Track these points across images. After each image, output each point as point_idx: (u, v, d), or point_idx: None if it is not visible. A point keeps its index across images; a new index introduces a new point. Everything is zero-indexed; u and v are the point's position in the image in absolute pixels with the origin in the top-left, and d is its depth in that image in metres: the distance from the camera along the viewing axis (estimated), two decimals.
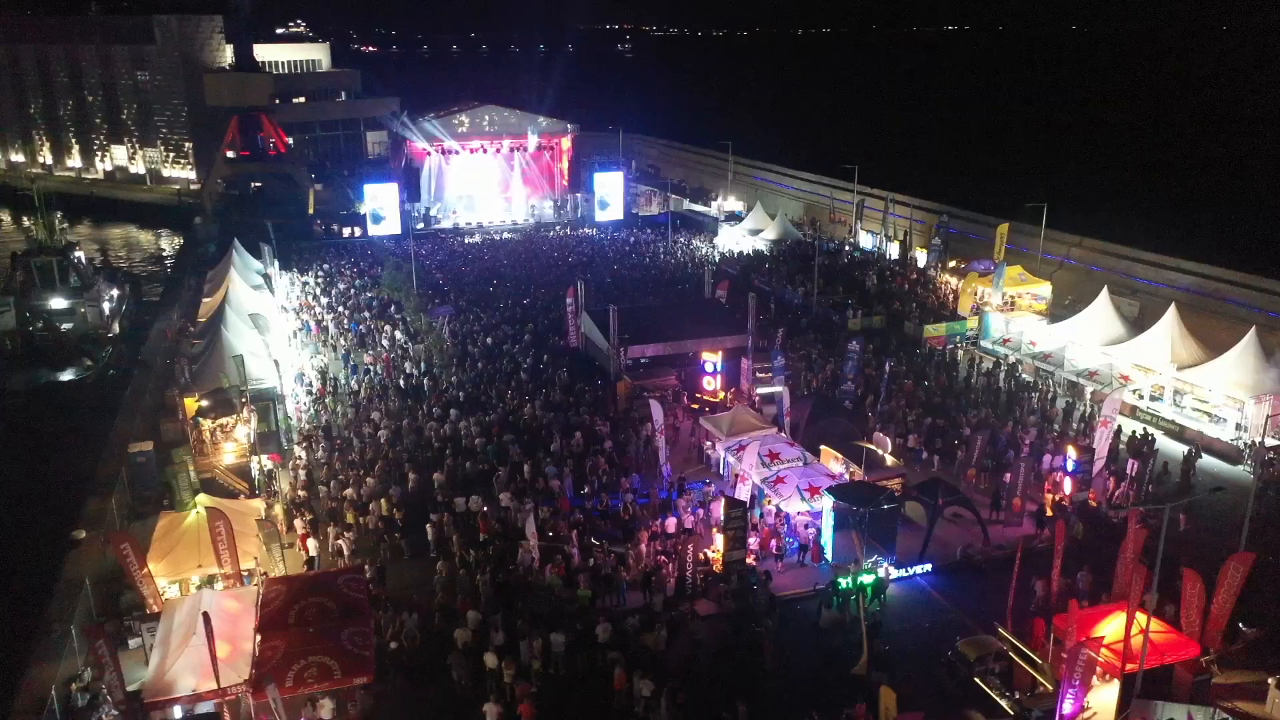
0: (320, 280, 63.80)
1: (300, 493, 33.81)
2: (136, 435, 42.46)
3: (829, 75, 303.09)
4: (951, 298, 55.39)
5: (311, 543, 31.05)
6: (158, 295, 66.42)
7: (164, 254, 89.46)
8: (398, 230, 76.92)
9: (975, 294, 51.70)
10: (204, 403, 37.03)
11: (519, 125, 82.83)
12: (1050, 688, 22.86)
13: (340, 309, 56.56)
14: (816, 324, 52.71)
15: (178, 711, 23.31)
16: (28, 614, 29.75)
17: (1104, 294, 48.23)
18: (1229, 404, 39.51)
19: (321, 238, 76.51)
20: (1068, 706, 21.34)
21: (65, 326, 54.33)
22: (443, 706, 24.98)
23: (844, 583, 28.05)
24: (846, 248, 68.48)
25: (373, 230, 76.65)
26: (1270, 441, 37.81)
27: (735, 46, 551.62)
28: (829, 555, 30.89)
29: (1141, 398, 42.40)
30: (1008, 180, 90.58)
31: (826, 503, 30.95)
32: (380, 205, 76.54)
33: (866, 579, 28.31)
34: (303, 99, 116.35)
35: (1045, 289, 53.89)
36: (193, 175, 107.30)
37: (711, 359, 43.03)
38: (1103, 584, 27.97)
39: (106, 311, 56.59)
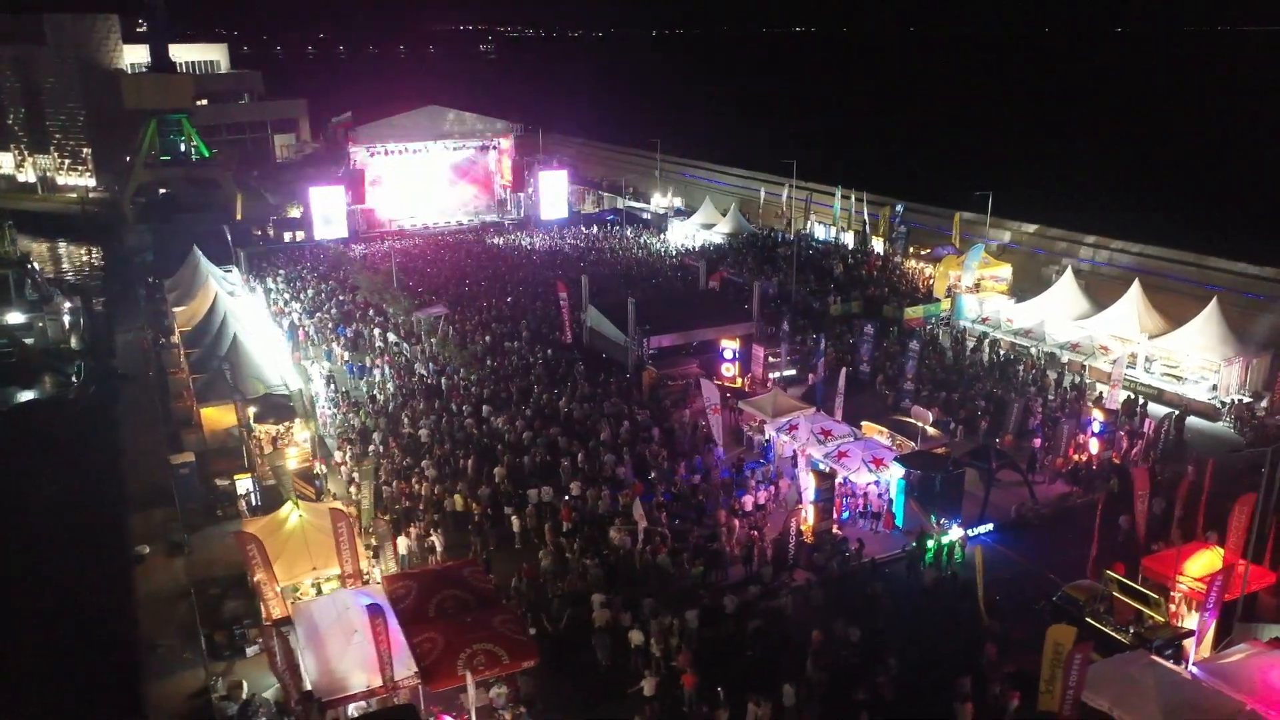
0: (282, 286, 62.16)
1: (386, 487, 33.63)
2: (150, 448, 41.19)
3: (743, 72, 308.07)
4: (922, 282, 58.52)
5: (402, 541, 31.00)
6: (100, 306, 63.29)
7: (92, 265, 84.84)
8: (344, 233, 75.57)
9: (951, 277, 54.89)
10: (253, 409, 36.13)
11: (462, 126, 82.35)
12: (1162, 620, 25.36)
13: (319, 314, 55.39)
14: (798, 311, 54.90)
15: (352, 709, 23.22)
16: (114, 632, 28.83)
17: (1069, 273, 52.20)
18: (1207, 368, 43.54)
19: (265, 243, 74.32)
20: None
21: (26, 341, 51.40)
22: (589, 686, 25.59)
23: (933, 544, 30.13)
24: (797, 238, 71.10)
25: (319, 234, 74.89)
26: (1247, 399, 42.04)
27: (592, 45, 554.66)
28: (899, 522, 32.87)
29: (1132, 365, 46.06)
30: (941, 173, 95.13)
31: (896, 472, 32.91)
32: (327, 208, 74.87)
33: (946, 539, 30.52)
34: (204, 101, 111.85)
35: (1006, 270, 57.72)
36: (92, 182, 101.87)
37: (731, 346, 44.53)
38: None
39: (66, 325, 53.78)
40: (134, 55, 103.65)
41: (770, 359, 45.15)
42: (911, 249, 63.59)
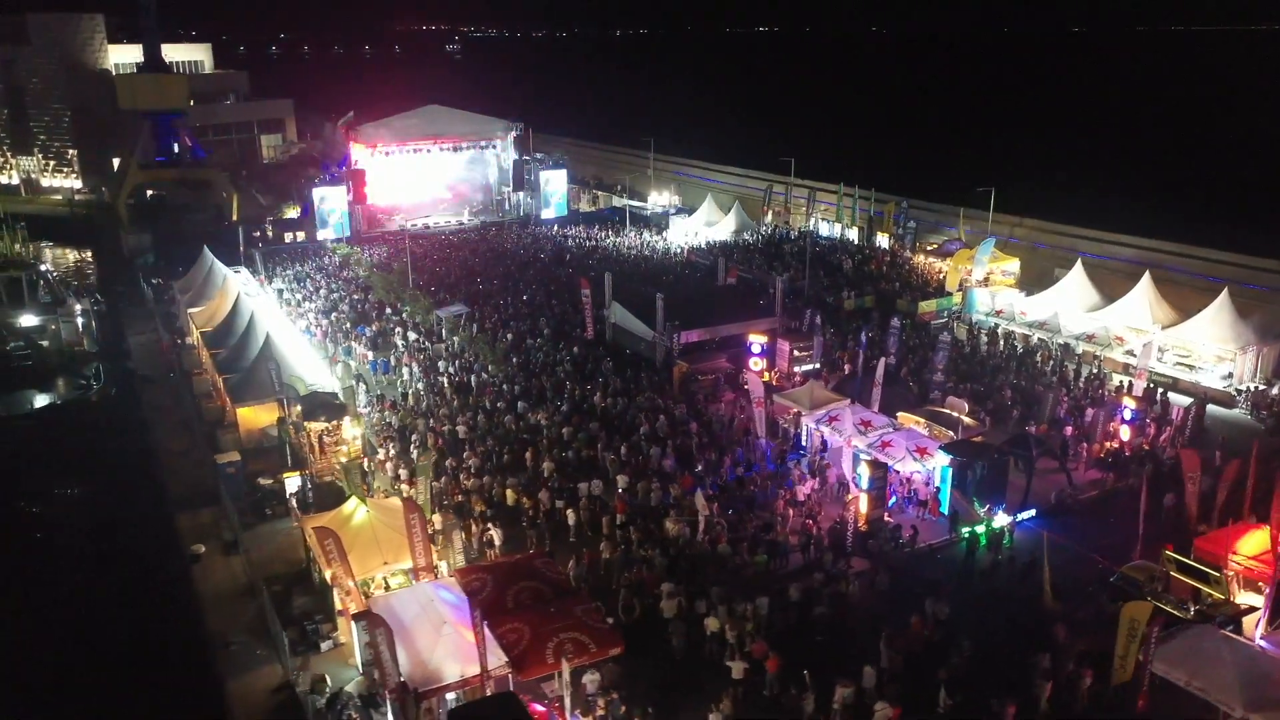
0: (292, 286, 61.90)
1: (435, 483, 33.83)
2: (183, 449, 41.11)
3: (739, 73, 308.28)
4: (931, 277, 59.46)
5: (457, 535, 31.20)
6: (101, 308, 62.61)
7: (83, 267, 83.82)
8: (347, 233, 75.38)
9: (963, 271, 55.87)
10: (298, 408, 36.15)
11: (461, 125, 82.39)
12: (1221, 597, 26.25)
13: (335, 314, 55.29)
14: (813, 306, 55.60)
15: (449, 698, 23.48)
16: (183, 631, 28.85)
17: (1078, 266, 53.37)
18: (1224, 356, 44.75)
19: (264, 244, 73.76)
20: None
21: (42, 344, 50.88)
22: (667, 672, 26.00)
23: (984, 530, 30.91)
24: (806, 235, 71.96)
25: (321, 234, 74.62)
26: (1261, 386, 43.33)
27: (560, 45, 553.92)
28: (945, 509, 33.60)
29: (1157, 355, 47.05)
30: (937, 170, 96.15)
31: (941, 460, 33.64)
32: (330, 208, 74.63)
33: (994, 525, 31.34)
34: (191, 101, 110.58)
35: (1014, 265, 58.87)
36: (78, 184, 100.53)
37: (759, 340, 45.12)
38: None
39: (80, 327, 53.27)
40: (119, 55, 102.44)
41: (797, 353, 45.79)
42: (918, 244, 64.60)
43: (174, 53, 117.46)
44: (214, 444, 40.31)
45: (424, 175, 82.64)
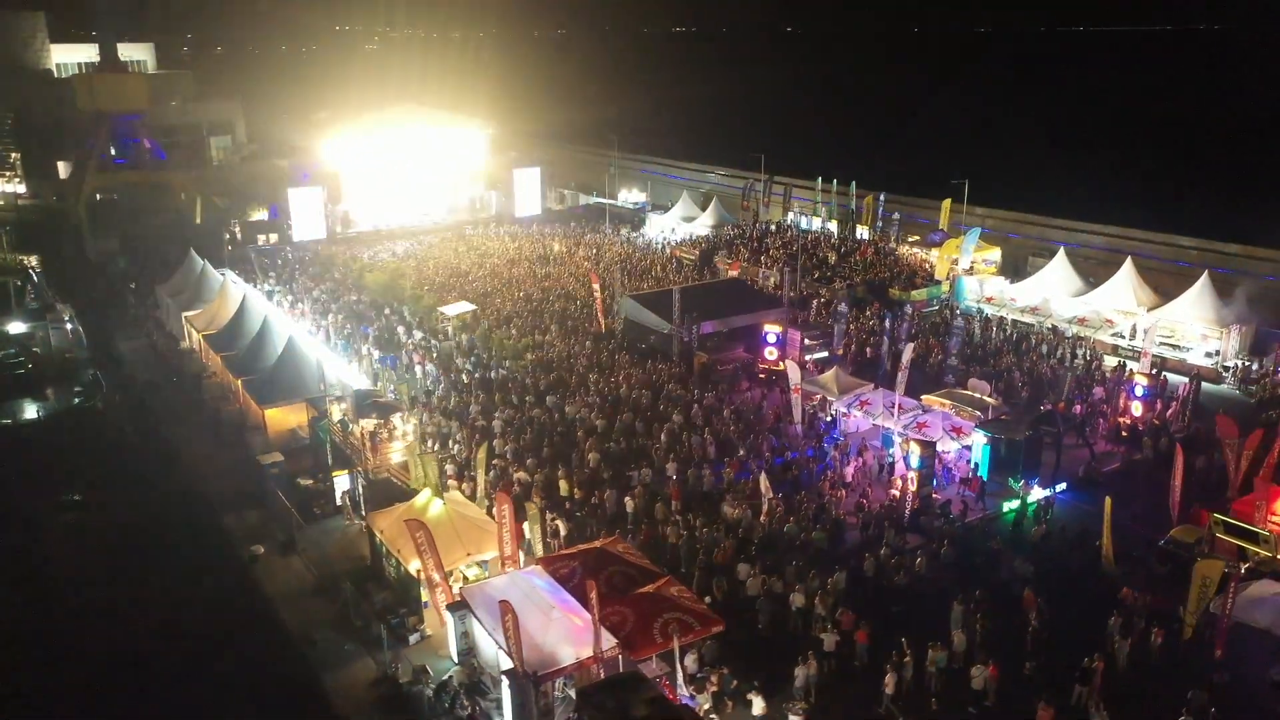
0: (280, 287, 60.96)
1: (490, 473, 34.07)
2: (207, 452, 40.57)
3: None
4: (916, 266, 61.28)
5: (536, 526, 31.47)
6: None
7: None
8: (322, 234, 74.42)
9: (952, 261, 57.76)
10: (343, 406, 35.91)
11: (435, 125, 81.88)
12: (1269, 554, 28.05)
13: (331, 315, 54.69)
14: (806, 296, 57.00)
15: (560, 683, 23.88)
16: (261, 631, 28.62)
17: (1060, 254, 55.71)
18: (1210, 336, 47.24)
19: (234, 246, 72.44)
20: None
21: (35, 351, 49.35)
22: (757, 648, 26.73)
23: (1029, 504, 32.43)
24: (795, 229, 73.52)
25: (296, 236, 73.51)
26: (1247, 362, 45.92)
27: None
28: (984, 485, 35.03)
29: (1132, 336, 49.43)
30: (902, 164, 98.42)
31: (979, 438, 35.07)
32: (305, 210, 73.56)
33: (1034, 498, 32.94)
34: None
35: (995, 254, 61.07)
36: (22, 189, 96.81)
37: (774, 330, 46.14)
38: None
39: (70, 333, 51.76)
40: (63, 55, 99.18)
41: (807, 342, 46.96)
42: (903, 235, 66.61)
43: (126, 52, 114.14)
44: (243, 446, 39.91)
45: (396, 175, 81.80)
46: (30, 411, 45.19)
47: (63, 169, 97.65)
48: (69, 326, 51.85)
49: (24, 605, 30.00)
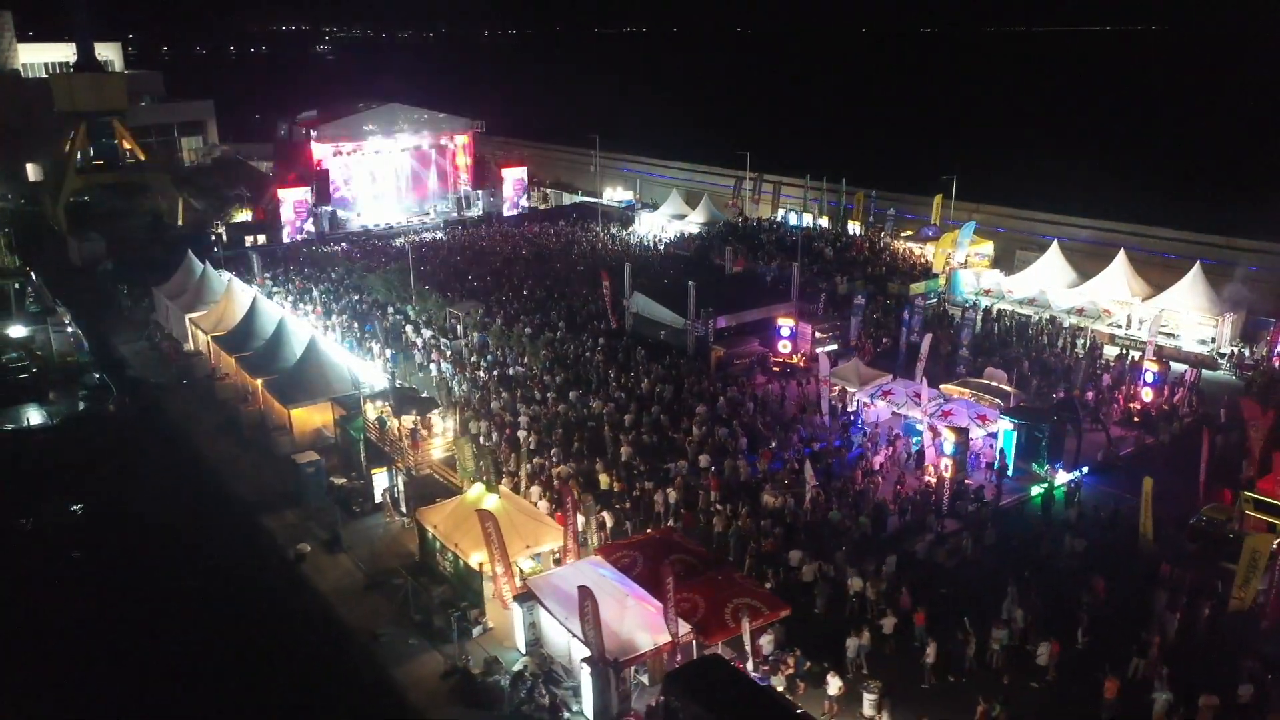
0: (275, 289, 60.42)
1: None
2: (231, 453, 40.33)
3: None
4: (913, 261, 62.41)
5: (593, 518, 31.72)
6: None
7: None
8: (313, 235, 73.88)
9: (947, 255, 58.95)
10: (379, 403, 35.88)
11: (422, 123, 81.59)
12: None
13: (335, 315, 54.40)
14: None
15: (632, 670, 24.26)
16: (318, 627, 28.64)
17: (1054, 246, 57.12)
18: (1205, 324, 48.80)
19: (220, 248, 71.58)
20: None
21: (37, 355, 48.52)
22: (815, 632, 27.25)
23: (1057, 487, 33.45)
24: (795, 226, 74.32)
25: (286, 236, 72.87)
26: (1239, 349, 47.57)
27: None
28: (1011, 471, 35.99)
29: (1127, 325, 50.89)
30: (886, 161, 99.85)
31: (1005, 425, 36.02)
32: (293, 209, 72.96)
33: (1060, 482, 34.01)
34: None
35: (988, 247, 62.43)
36: None
37: (787, 324, 46.81)
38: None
39: (71, 336, 50.90)
40: (29, 55, 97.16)
41: (819, 335, 47.70)
42: (896, 230, 67.80)
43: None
44: (268, 446, 39.69)
45: (384, 174, 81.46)
46: (39, 416, 44.43)
47: (31, 171, 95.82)
48: (69, 330, 50.95)
49: (74, 613, 29.68)
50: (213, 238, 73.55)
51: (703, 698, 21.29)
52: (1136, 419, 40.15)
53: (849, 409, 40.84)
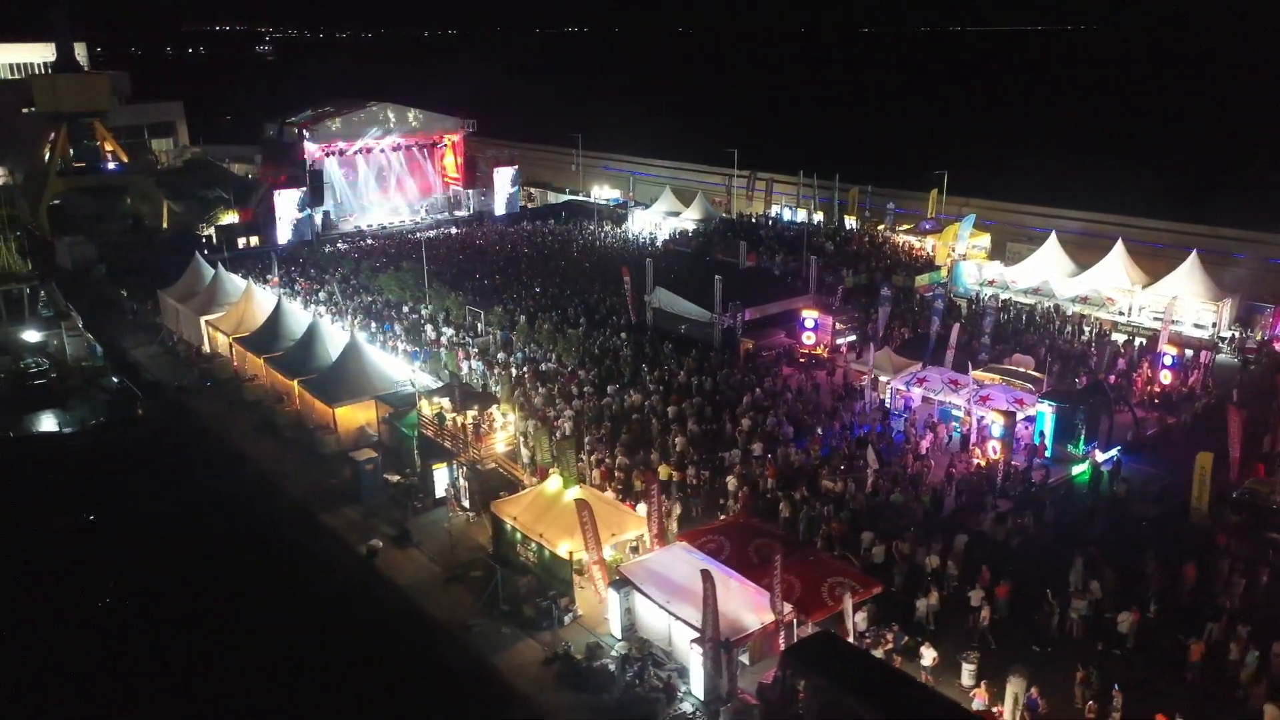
0: (284, 290, 59.90)
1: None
2: (273, 453, 40.22)
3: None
4: (914, 254, 63.88)
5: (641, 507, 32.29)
6: None
7: None
8: (307, 237, 73.24)
9: (950, 248, 60.48)
10: (439, 400, 36.01)
11: (413, 123, 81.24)
12: None
13: (351, 315, 54.23)
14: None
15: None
16: (406, 619, 28.86)
17: (1052, 238, 58.91)
18: (1206, 309, 50.77)
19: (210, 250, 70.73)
20: None
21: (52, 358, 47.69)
22: (892, 604, 28.12)
23: (1101, 466, 34.82)
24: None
25: (281, 238, 72.16)
26: (1239, 333, 49.65)
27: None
28: (1050, 453, 37.28)
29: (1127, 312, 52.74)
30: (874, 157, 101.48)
31: (1045, 408, 37.32)
32: (286, 211, 72.26)
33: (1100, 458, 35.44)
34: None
35: (985, 239, 64.12)
36: None
37: (812, 316, 47.79)
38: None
39: (84, 341, 50.07)
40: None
41: (839, 326, 48.77)
42: (895, 224, 69.37)
43: (39, 52, 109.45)
44: (314, 445, 39.59)
45: (375, 175, 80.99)
46: (64, 422, 43.74)
47: (1, 175, 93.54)
48: (83, 334, 50.12)
49: (165, 614, 29.55)
50: (203, 240, 72.50)
51: (826, 670, 22.03)
52: (1156, 400, 41.79)
53: (884, 397, 41.89)
